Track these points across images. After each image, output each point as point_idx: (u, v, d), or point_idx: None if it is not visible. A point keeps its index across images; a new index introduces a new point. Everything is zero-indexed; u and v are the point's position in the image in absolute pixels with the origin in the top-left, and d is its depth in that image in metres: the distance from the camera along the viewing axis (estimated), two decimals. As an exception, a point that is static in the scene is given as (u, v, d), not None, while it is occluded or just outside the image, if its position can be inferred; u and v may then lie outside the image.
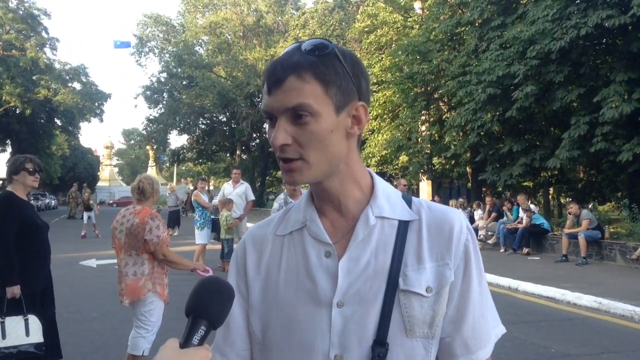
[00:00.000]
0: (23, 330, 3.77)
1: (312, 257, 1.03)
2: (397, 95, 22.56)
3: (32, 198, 27.80)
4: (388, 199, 1.06)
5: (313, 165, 0.97)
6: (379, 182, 1.08)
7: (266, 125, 1.04)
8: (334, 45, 0.98)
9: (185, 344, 0.86)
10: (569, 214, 12.35)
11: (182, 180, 42.30)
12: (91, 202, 20.35)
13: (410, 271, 0.99)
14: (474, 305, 1.01)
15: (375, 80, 26.06)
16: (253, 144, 41.96)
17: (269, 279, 1.07)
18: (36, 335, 3.81)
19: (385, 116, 25.02)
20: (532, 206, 14.75)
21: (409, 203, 1.07)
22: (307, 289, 1.02)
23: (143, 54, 44.49)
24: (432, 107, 22.10)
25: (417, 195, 24.81)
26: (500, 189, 16.96)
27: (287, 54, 0.99)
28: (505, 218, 15.03)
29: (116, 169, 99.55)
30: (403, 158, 23.23)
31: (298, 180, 0.99)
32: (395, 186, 9.43)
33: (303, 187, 7.29)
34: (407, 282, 0.98)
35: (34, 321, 3.82)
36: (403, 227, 1.03)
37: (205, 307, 0.89)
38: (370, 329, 0.97)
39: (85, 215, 19.83)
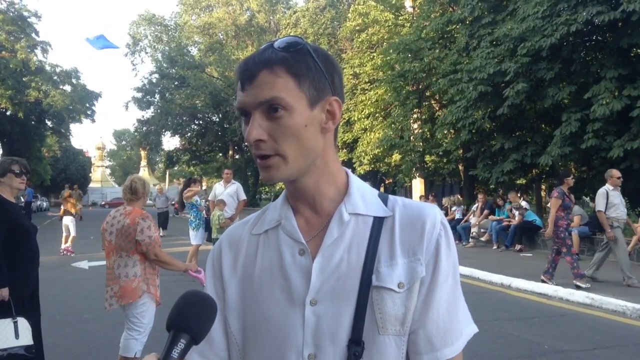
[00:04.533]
0: (12, 333, 3.73)
1: (286, 255, 1.03)
2: (389, 94, 22.62)
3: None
4: (363, 196, 1.06)
5: (290, 161, 0.97)
6: (354, 180, 1.08)
7: None
8: (306, 43, 1.00)
9: (164, 358, 0.85)
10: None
11: (175, 180, 42.26)
12: (78, 206, 14.80)
13: (382, 267, 0.99)
14: (440, 301, 0.99)
15: (367, 79, 26.10)
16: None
17: (245, 278, 1.07)
18: (26, 337, 3.78)
19: (377, 115, 25.05)
20: (523, 203, 14.79)
21: (385, 201, 1.06)
22: (281, 288, 1.01)
23: (136, 52, 44.41)
24: (424, 105, 22.16)
25: (410, 194, 24.88)
26: (493, 186, 16.99)
27: (259, 50, 1.00)
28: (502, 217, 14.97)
29: (108, 170, 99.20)
30: (396, 156, 23.27)
31: (275, 177, 0.98)
32: (561, 184, 8.37)
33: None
34: (380, 278, 0.98)
35: (23, 324, 3.78)
36: (377, 223, 1.02)
37: (187, 321, 0.88)
38: (344, 327, 0.97)
39: (65, 220, 14.01)
